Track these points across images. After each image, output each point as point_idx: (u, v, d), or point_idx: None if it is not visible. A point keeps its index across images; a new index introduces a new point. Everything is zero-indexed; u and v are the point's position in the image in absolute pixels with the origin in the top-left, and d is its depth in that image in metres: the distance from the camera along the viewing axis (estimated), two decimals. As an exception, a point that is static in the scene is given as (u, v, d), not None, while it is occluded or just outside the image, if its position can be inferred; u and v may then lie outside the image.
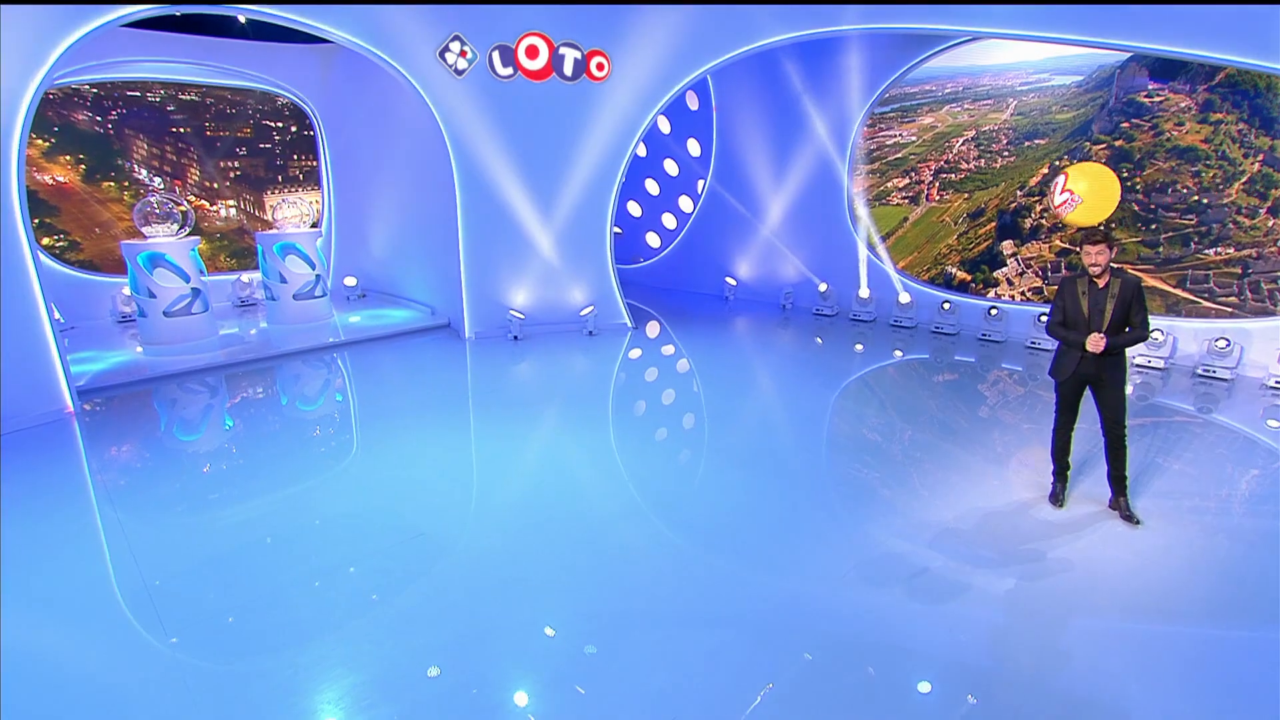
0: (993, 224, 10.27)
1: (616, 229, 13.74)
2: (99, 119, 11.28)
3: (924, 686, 3.26)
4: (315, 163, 13.23)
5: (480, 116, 9.60)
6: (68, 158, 11.09)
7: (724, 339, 10.21)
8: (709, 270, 13.03)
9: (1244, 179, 8.30)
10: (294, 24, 8.34)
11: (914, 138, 10.71)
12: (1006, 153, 9.97)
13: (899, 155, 10.90)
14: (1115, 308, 4.50)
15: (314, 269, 10.71)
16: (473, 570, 4.27)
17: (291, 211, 11.09)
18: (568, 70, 9.72)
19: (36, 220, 10.78)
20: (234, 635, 3.70)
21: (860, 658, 3.47)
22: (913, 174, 10.78)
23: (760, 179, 12.32)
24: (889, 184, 11.01)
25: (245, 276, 12.49)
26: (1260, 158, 8.22)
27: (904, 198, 10.91)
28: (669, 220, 13.44)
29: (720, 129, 12.73)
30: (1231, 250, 8.42)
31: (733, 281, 12.93)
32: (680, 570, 4.25)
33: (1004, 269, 10.22)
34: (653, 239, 13.62)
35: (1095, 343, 4.51)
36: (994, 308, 10.18)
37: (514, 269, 10.25)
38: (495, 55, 9.45)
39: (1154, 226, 8.88)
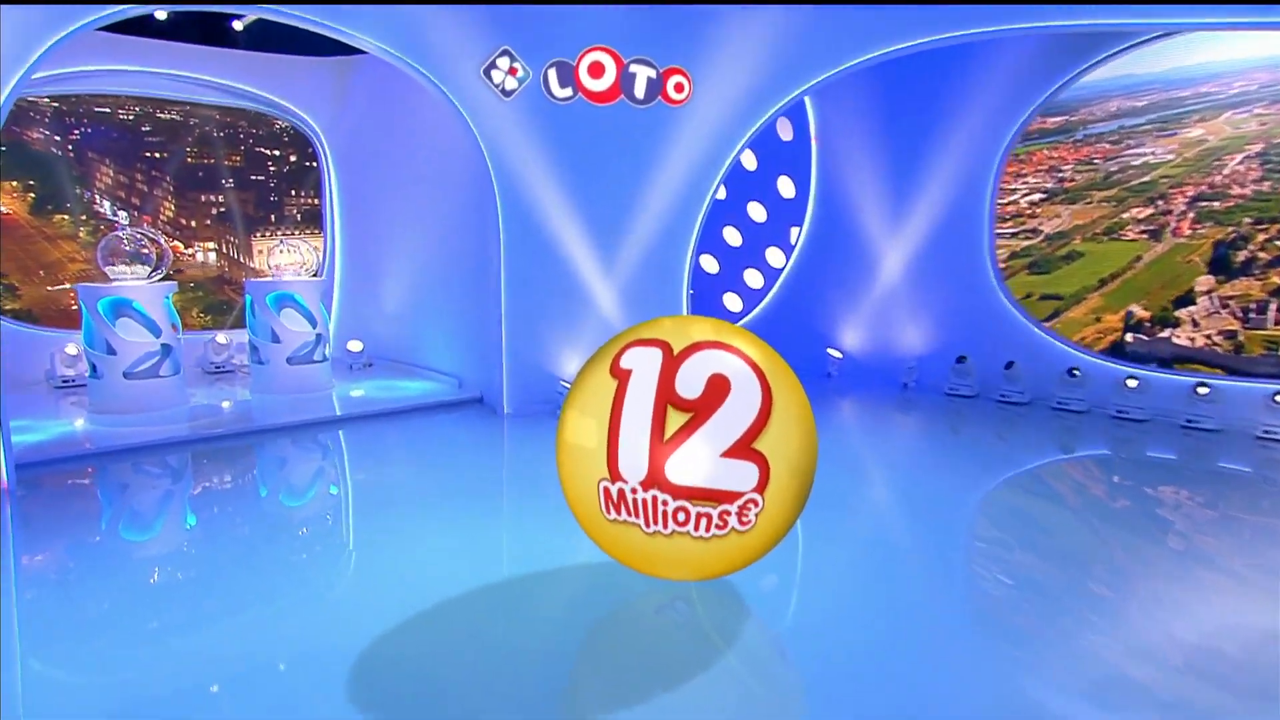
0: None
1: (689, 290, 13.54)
2: (58, 138, 11.20)
3: None
4: (318, 200, 13.09)
5: (531, 146, 9.45)
6: (15, 183, 11.00)
7: (827, 424, 9.61)
8: (806, 339, 12.54)
9: None
10: (318, 27, 8.22)
11: (1172, 155, 9.99)
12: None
13: (1147, 179, 10.19)
14: None
15: (315, 327, 10.41)
16: (502, 701, 3.92)
17: (290, 257, 10.83)
18: (639, 91, 9.57)
19: (-33, 259, 10.66)
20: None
21: None
22: (1160, 202, 10.05)
23: (873, 224, 11.93)
24: (1126, 215, 10.32)
25: (222, 336, 12.11)
26: None
27: (1142, 231, 10.18)
28: (754, 278, 13.08)
29: (821, 163, 12.47)
30: None
31: (837, 354, 12.47)
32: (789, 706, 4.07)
33: (1191, 308, 9.67)
34: (733, 301, 13.17)
35: None
36: (1202, 384, 9.26)
37: (568, 331, 9.90)
38: (551, 74, 9.36)
39: None
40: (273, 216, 12.78)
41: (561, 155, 9.55)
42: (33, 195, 11.01)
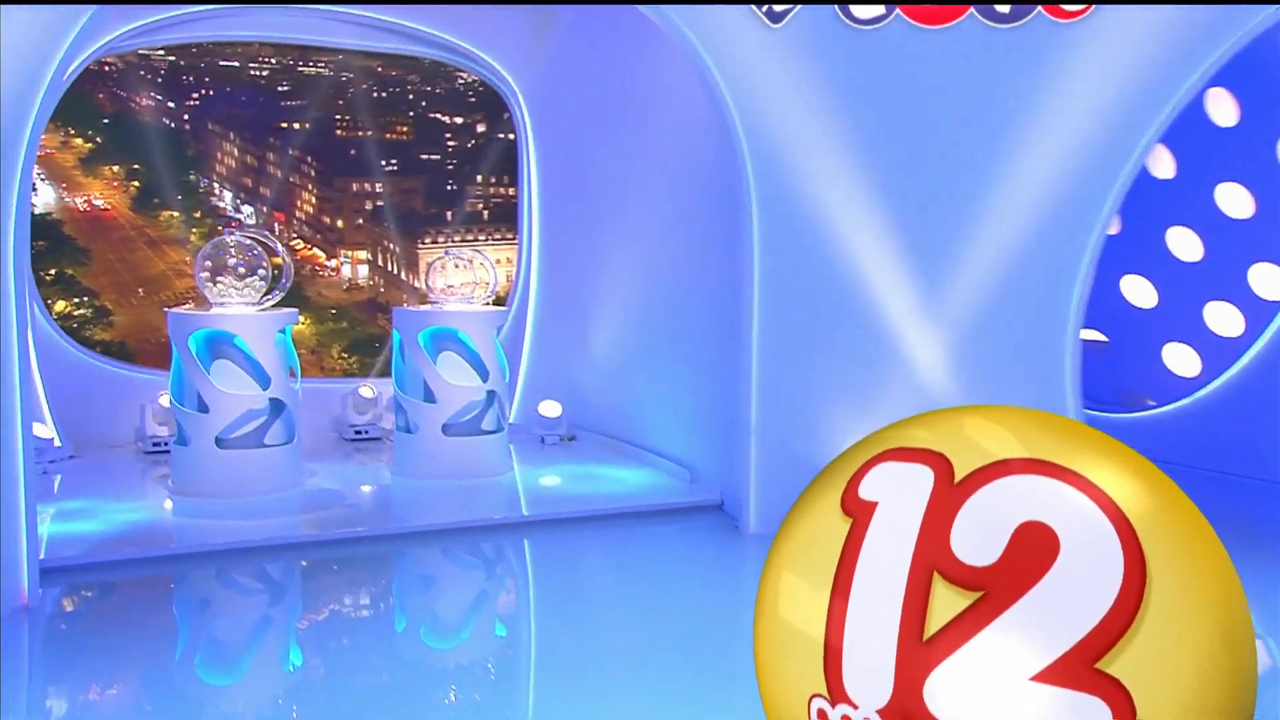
0: None
1: (1098, 334, 12.95)
2: (171, 105, 12.70)
3: None
4: (513, 190, 13.93)
5: (812, 100, 9.57)
6: (116, 168, 12.47)
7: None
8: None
9: None
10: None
11: None
12: None
13: None
14: None
15: (486, 380, 11.05)
16: None
17: (461, 276, 11.66)
18: (1002, 4, 9.47)
19: (52, 272, 12.06)
20: None
21: None
22: None
23: None
24: None
25: (367, 388, 13.13)
26: None
27: None
28: (1224, 318, 12.63)
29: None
30: None
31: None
32: None
33: None
34: (1182, 359, 12.84)
35: None
36: None
37: (860, 405, 9.74)
38: (850, -17, 9.58)
39: None
40: (449, 213, 13.64)
41: (863, 115, 9.57)
42: (136, 185, 12.56)
